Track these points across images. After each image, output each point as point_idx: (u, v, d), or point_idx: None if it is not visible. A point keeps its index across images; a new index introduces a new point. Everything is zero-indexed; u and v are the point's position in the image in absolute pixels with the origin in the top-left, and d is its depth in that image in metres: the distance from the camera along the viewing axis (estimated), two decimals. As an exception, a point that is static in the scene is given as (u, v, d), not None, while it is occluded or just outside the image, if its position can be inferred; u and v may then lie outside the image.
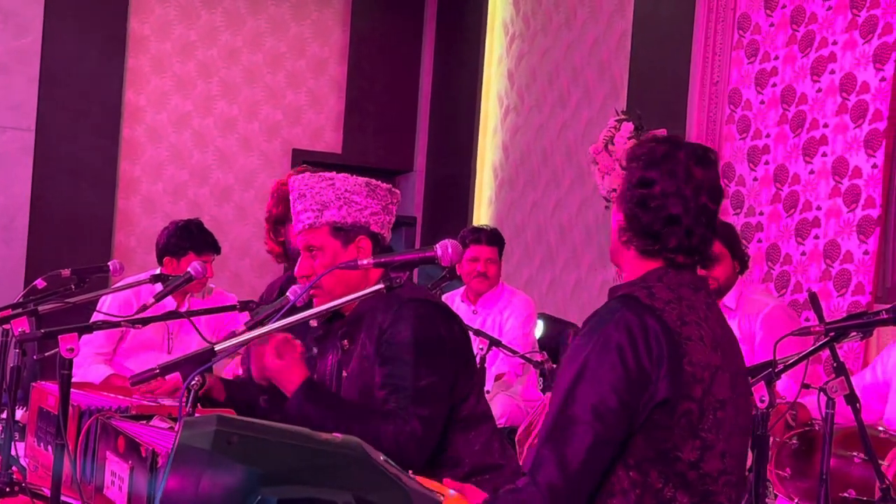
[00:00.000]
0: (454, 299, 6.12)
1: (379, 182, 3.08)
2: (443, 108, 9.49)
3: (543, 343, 6.04)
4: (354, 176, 3.03)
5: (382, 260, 2.68)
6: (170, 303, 4.80)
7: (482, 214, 8.75)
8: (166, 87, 8.96)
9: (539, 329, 6.27)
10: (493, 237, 5.88)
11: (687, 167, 2.35)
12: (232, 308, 3.54)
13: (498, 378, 5.73)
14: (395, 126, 9.53)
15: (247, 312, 3.44)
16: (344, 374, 3.03)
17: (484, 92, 8.93)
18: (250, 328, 2.79)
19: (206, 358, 2.42)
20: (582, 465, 2.21)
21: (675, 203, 2.34)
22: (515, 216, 8.46)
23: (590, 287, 7.45)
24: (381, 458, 1.89)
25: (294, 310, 2.73)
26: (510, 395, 5.65)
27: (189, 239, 5.00)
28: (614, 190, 6.71)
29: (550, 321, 6.60)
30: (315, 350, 3.10)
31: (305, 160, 9.04)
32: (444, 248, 2.64)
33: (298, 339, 2.99)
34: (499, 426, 4.84)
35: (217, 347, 2.45)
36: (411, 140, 9.60)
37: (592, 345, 2.26)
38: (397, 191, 3.14)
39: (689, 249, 2.37)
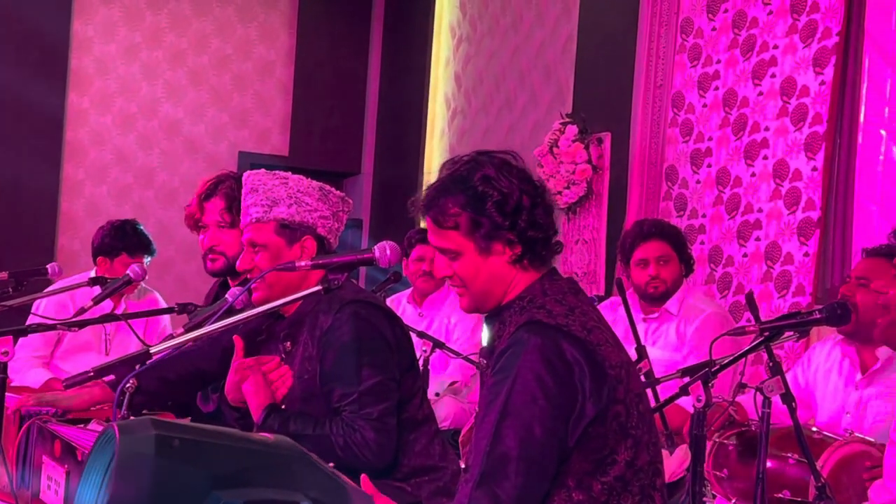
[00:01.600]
0: (401, 301, 6.12)
1: (333, 189, 3.08)
2: (390, 110, 9.50)
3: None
4: (309, 179, 3.04)
5: (321, 262, 2.69)
6: (106, 304, 4.77)
7: (430, 217, 8.74)
8: (110, 89, 8.89)
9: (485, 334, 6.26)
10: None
11: (523, 170, 2.42)
12: (170, 310, 3.53)
13: (451, 384, 5.74)
14: (343, 128, 9.53)
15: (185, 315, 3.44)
16: None
17: (431, 94, 8.94)
18: (188, 330, 2.78)
19: (140, 361, 2.41)
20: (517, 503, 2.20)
21: (543, 208, 2.39)
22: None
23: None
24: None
25: (232, 311, 2.73)
26: (456, 398, 5.66)
27: (122, 240, 4.97)
28: (559, 192, 6.74)
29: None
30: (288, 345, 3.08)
31: (252, 162, 9.03)
32: (383, 249, 2.66)
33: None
34: (443, 428, 4.87)
35: (152, 350, 2.45)
36: (358, 142, 9.59)
37: (510, 381, 2.23)
38: (350, 200, 3.14)
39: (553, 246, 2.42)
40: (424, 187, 2.44)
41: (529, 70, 7.89)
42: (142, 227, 5.11)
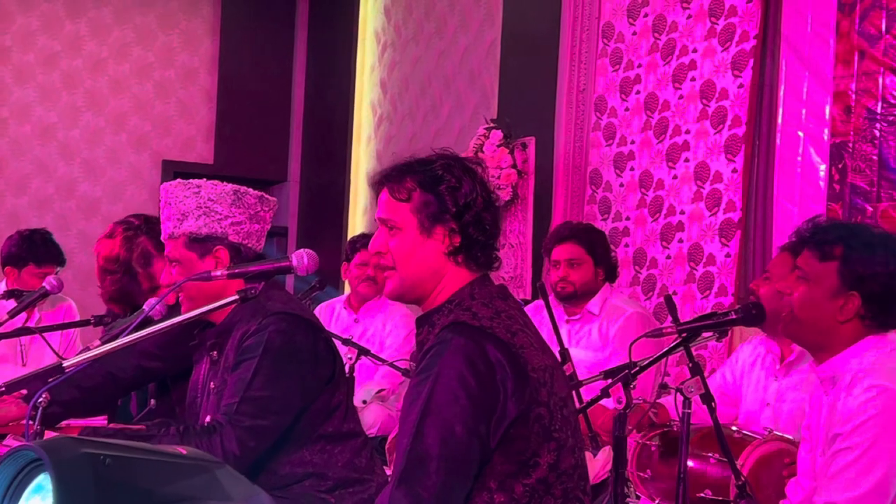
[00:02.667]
0: (336, 306, 6.10)
1: (249, 189, 3.05)
2: (316, 117, 9.47)
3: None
4: (224, 183, 3.01)
5: (237, 271, 2.67)
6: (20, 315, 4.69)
7: (357, 223, 8.74)
8: (30, 98, 8.76)
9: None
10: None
11: (482, 177, 2.47)
12: (86, 323, 3.49)
13: (378, 392, 5.73)
14: (268, 136, 9.47)
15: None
16: (211, 385, 3.02)
17: (357, 101, 8.93)
18: (105, 342, 2.75)
19: (53, 374, 2.38)
20: (438, 503, 2.19)
21: (491, 212, 2.45)
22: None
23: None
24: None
25: (148, 322, 2.71)
26: (384, 405, 5.66)
27: (30, 250, 4.90)
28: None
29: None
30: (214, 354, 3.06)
31: (176, 171, 8.95)
32: (300, 257, 2.65)
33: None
34: (371, 435, 4.86)
35: (66, 364, 2.42)
36: (285, 149, 9.55)
37: (433, 379, 2.24)
38: (272, 198, 3.11)
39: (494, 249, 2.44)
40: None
41: (454, 76, 7.91)
42: (52, 237, 5.03)
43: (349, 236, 7.69)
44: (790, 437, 3.38)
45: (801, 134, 5.28)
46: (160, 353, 3.31)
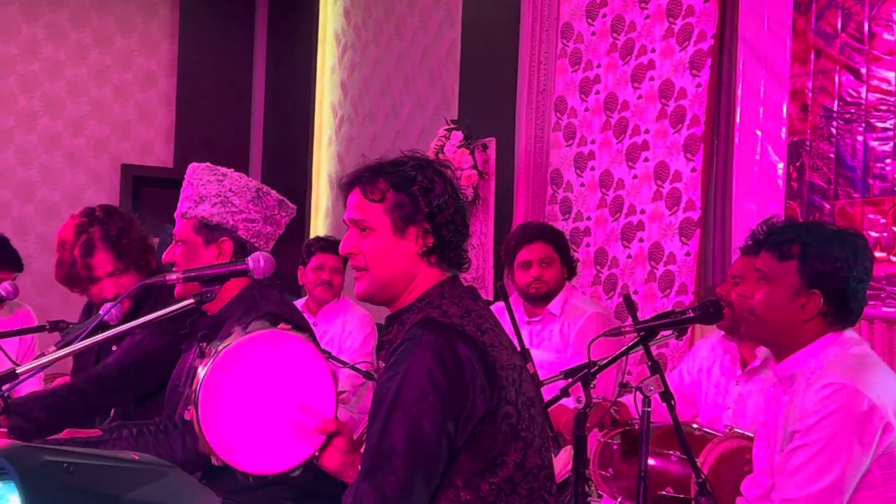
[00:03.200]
0: (295, 311, 6.06)
1: (272, 191, 3.05)
2: (276, 119, 9.43)
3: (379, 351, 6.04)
4: (249, 178, 3.01)
5: (192, 274, 2.65)
6: None
7: (319, 225, 8.72)
8: (-14, 102, 8.69)
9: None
10: (331, 245, 5.84)
11: (454, 180, 2.47)
12: (41, 329, 3.46)
13: (339, 394, 5.70)
14: (229, 138, 9.42)
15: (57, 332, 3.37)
16: None
17: (317, 102, 8.91)
18: (60, 348, 2.73)
19: (7, 381, 2.36)
20: (403, 498, 2.19)
21: (461, 214, 2.44)
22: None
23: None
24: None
25: (104, 327, 2.68)
26: (345, 408, 5.63)
27: None
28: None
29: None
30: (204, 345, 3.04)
31: (135, 175, 8.88)
32: (256, 260, 2.64)
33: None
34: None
35: (19, 370, 2.39)
36: (245, 152, 9.50)
37: (401, 376, 2.24)
38: (292, 205, 3.11)
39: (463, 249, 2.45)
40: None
41: (414, 76, 7.90)
42: (9, 243, 4.97)
43: (311, 239, 7.66)
44: (751, 434, 3.40)
45: (758, 132, 5.30)
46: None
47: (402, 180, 2.39)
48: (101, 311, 2.86)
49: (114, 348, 3.31)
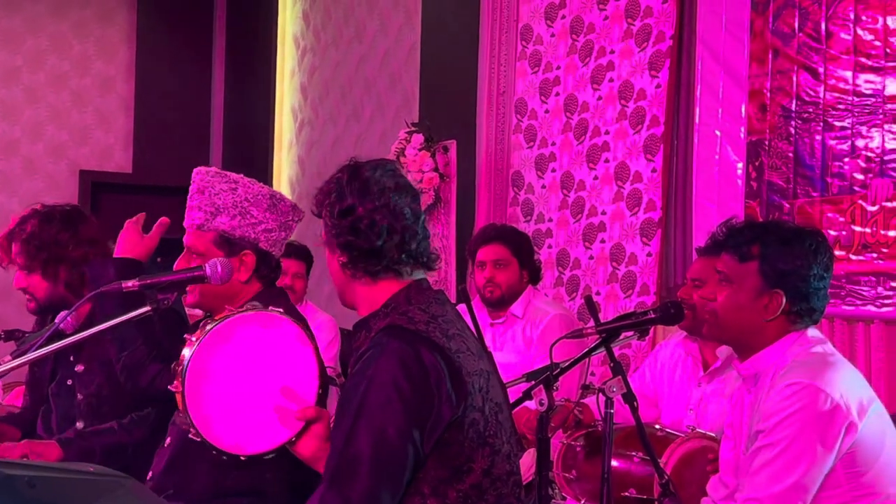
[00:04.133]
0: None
1: (284, 196, 2.99)
2: (236, 123, 9.38)
3: (342, 357, 6.00)
4: (259, 184, 2.93)
5: (148, 282, 2.60)
6: None
7: (280, 230, 8.66)
8: (-58, 109, 8.58)
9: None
10: (301, 252, 5.79)
11: (374, 181, 2.38)
12: (-10, 339, 3.41)
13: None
14: (188, 143, 9.34)
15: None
16: None
17: (277, 106, 8.87)
18: (16, 357, 2.68)
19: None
20: None
21: (382, 216, 2.35)
22: (316, 230, 8.39)
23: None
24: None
25: (59, 336, 2.64)
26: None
27: None
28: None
29: (347, 336, 6.56)
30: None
31: (94, 181, 8.80)
32: (213, 266, 2.60)
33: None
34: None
35: (-27, 380, 2.35)
36: (205, 157, 9.42)
37: (367, 382, 2.22)
38: (302, 210, 3.04)
39: (412, 254, 2.39)
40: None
41: (375, 79, 7.88)
42: None
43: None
44: (713, 434, 3.39)
45: (718, 133, 5.32)
46: None
47: (318, 207, 2.44)
48: (56, 320, 2.81)
49: (71, 358, 3.26)
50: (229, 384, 2.39)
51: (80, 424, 3.34)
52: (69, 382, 3.34)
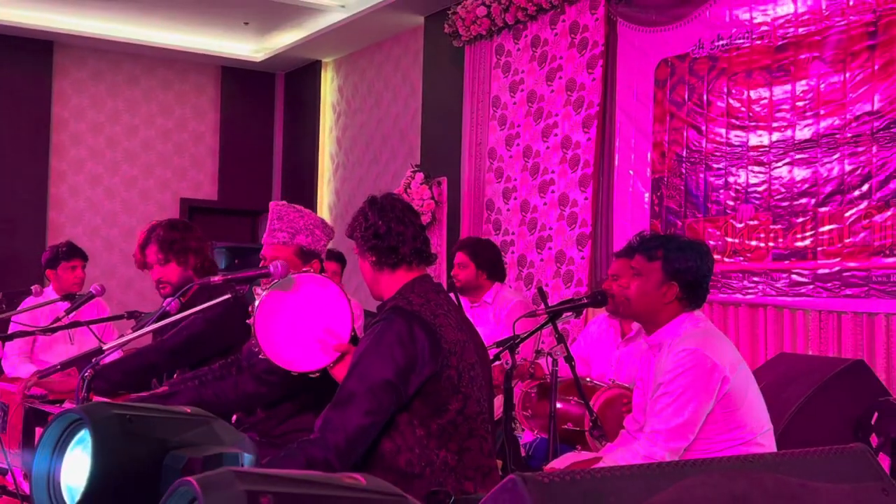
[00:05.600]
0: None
1: (326, 221, 2.97)
2: (291, 165, 9.35)
3: (365, 328, 5.96)
4: (311, 212, 2.90)
5: (230, 276, 2.58)
6: (63, 306, 4.41)
7: (322, 241, 8.63)
8: (82, 155, 8.51)
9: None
10: (338, 256, 5.70)
11: (388, 205, 2.39)
12: (120, 317, 3.36)
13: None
14: (256, 179, 9.30)
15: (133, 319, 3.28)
16: None
17: (320, 153, 8.84)
18: (135, 330, 2.66)
19: (95, 355, 2.29)
20: (358, 427, 2.15)
21: (395, 225, 2.36)
22: (347, 243, 8.35)
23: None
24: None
25: (167, 316, 2.61)
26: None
27: (54, 253, 4.75)
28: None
29: (368, 315, 6.54)
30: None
31: (190, 206, 8.77)
32: (276, 266, 2.58)
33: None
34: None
35: (105, 347, 2.33)
36: (269, 188, 9.39)
37: (371, 341, 2.23)
38: (334, 229, 3.02)
39: (418, 251, 2.38)
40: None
41: (389, 135, 7.87)
42: (74, 244, 4.86)
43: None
44: (627, 385, 3.39)
45: (631, 172, 5.32)
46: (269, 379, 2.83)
47: (351, 230, 2.43)
48: (164, 304, 2.78)
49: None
50: (288, 320, 2.39)
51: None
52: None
